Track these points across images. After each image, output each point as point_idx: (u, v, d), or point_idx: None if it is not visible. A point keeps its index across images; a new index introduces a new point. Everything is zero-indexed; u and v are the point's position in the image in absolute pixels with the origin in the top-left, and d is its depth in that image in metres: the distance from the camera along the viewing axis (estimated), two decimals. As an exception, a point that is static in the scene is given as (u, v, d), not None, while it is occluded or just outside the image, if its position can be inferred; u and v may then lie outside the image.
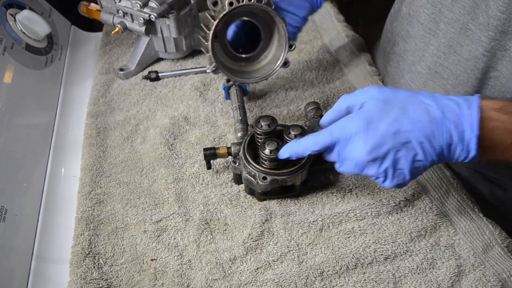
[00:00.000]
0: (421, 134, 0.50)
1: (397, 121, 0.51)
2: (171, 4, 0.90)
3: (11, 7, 0.90)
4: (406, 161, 0.52)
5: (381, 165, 0.52)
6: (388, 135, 0.51)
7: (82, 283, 0.62)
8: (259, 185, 0.65)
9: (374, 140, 0.51)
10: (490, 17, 0.60)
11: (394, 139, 0.51)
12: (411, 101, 0.52)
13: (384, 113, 0.51)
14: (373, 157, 0.52)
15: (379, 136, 0.51)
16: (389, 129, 0.51)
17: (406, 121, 0.50)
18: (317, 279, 0.62)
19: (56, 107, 0.92)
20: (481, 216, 0.68)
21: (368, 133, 0.51)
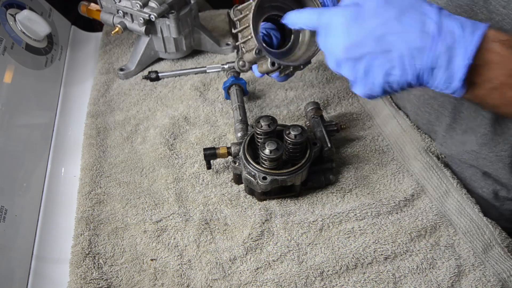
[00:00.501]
0: (405, 46, 0.45)
1: (386, 24, 0.46)
2: (171, 4, 0.90)
3: (11, 7, 0.90)
4: (380, 72, 0.48)
5: (354, 67, 0.49)
6: (371, 37, 0.47)
7: (82, 283, 0.62)
8: (259, 185, 0.65)
9: (355, 38, 0.47)
10: (492, 12, 0.60)
11: (375, 43, 0.47)
12: (413, 7, 0.47)
13: (377, 11, 0.47)
14: (349, 55, 0.48)
15: (361, 36, 0.47)
16: (374, 31, 0.47)
17: (395, 27, 0.46)
18: (317, 279, 0.62)
19: (56, 107, 0.92)
20: (481, 216, 0.68)
21: (352, 29, 0.47)
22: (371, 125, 0.84)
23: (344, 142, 0.81)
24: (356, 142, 0.81)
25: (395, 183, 0.73)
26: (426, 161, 0.76)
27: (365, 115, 0.86)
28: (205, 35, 0.99)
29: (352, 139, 0.81)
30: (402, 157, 0.78)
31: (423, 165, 0.75)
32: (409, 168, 0.76)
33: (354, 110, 0.87)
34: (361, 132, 0.83)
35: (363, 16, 0.47)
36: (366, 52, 0.47)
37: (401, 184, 0.73)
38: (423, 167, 0.75)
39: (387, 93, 0.51)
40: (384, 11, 0.47)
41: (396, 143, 0.80)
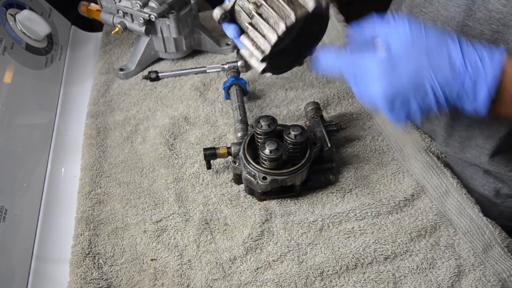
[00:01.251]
0: (440, 85, 0.51)
1: (421, 73, 0.51)
2: (171, 4, 0.90)
3: (11, 7, 0.90)
4: (418, 107, 0.53)
5: (393, 108, 0.53)
6: (409, 86, 0.51)
7: (82, 283, 0.62)
8: (259, 185, 0.65)
9: (393, 89, 0.52)
10: (491, 11, 0.60)
11: (413, 89, 0.51)
12: (438, 47, 0.51)
13: (409, 57, 0.51)
14: (388, 101, 0.53)
15: (399, 86, 0.52)
16: (410, 81, 0.51)
17: (428, 72, 0.51)
18: (317, 279, 0.62)
19: (56, 107, 0.92)
20: (481, 216, 0.68)
21: (389, 79, 0.52)
22: (371, 125, 0.84)
23: (344, 142, 0.81)
24: (356, 142, 0.81)
25: (395, 183, 0.73)
26: (426, 161, 0.76)
27: (365, 115, 0.86)
28: (205, 35, 0.99)
29: (352, 139, 0.81)
30: (402, 157, 0.78)
31: (423, 165, 0.76)
32: (409, 168, 0.76)
33: (354, 110, 0.87)
34: (361, 132, 0.83)
35: (397, 65, 0.51)
36: (406, 97, 0.52)
37: (401, 184, 0.73)
38: (423, 167, 0.75)
39: (416, 119, 0.55)
40: (414, 58, 0.51)
41: (396, 143, 0.80)
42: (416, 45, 0.52)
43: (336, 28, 1.07)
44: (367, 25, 0.57)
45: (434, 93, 0.51)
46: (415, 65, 0.51)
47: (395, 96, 0.52)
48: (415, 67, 0.51)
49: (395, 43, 0.52)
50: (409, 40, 0.52)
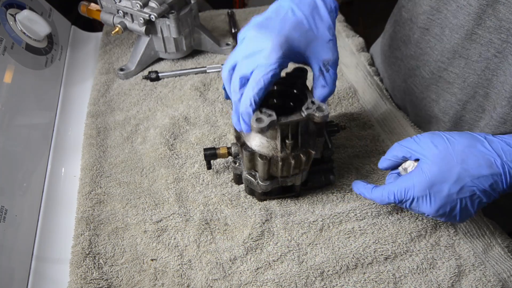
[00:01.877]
0: (484, 185, 0.54)
1: (459, 181, 0.54)
2: (171, 4, 0.90)
3: (11, 7, 0.90)
4: (472, 207, 0.56)
5: (449, 216, 0.58)
6: (453, 195, 0.55)
7: (82, 283, 0.62)
8: (259, 185, 0.65)
9: (440, 202, 0.55)
10: (502, 20, 0.60)
11: (459, 195, 0.55)
12: (469, 153, 0.54)
13: (444, 173, 0.54)
14: (440, 214, 0.57)
15: (444, 198, 0.55)
16: (452, 190, 0.54)
17: (468, 178, 0.54)
18: (317, 279, 0.62)
19: (56, 107, 0.91)
20: (481, 216, 0.68)
21: (433, 197, 0.55)
22: (371, 125, 0.84)
23: (344, 142, 0.81)
24: (356, 142, 0.81)
25: (395, 183, 0.73)
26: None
27: (365, 115, 0.86)
28: (205, 35, 0.99)
29: (352, 139, 0.81)
30: (402, 157, 0.78)
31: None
32: (409, 168, 0.76)
33: (354, 110, 0.87)
34: (361, 132, 0.83)
35: (435, 183, 0.55)
36: (455, 204, 0.56)
37: (401, 184, 0.73)
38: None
39: None
40: (449, 170, 0.55)
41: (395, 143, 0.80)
42: (446, 158, 0.55)
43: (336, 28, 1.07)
44: (393, 149, 0.62)
45: (484, 193, 0.54)
46: (453, 180, 0.54)
47: (446, 209, 0.56)
48: (454, 181, 0.54)
49: (426, 164, 0.56)
50: (437, 153, 0.55)
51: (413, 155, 0.59)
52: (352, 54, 0.99)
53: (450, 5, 0.68)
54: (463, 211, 0.57)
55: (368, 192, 0.63)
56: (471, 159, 0.54)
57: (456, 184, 0.54)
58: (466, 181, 0.54)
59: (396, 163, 0.62)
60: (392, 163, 0.62)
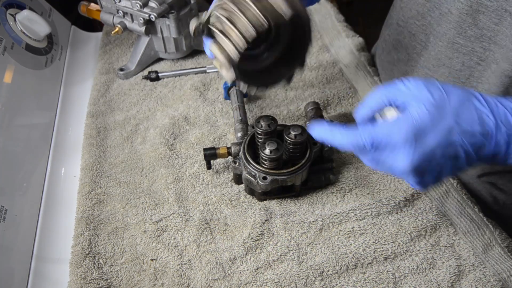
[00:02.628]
0: (471, 146, 0.47)
1: (449, 135, 0.46)
2: (171, 4, 0.90)
3: (11, 7, 0.90)
4: (449, 171, 0.49)
5: (423, 177, 0.48)
6: (438, 150, 0.46)
7: (82, 283, 0.62)
8: (259, 185, 0.65)
9: (422, 156, 0.46)
10: (482, 29, 0.60)
11: (443, 153, 0.47)
12: (465, 107, 0.47)
13: (435, 123, 0.46)
14: (417, 171, 0.47)
15: (428, 152, 0.46)
16: (440, 144, 0.46)
17: (458, 135, 0.46)
18: (317, 279, 0.62)
19: (56, 107, 0.92)
20: (481, 216, 0.68)
21: (417, 148, 0.46)
22: (371, 125, 0.84)
23: (344, 142, 0.81)
24: (356, 142, 0.81)
25: (395, 183, 0.73)
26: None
27: (365, 115, 0.86)
28: (205, 35, 0.99)
29: (352, 139, 0.81)
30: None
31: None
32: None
33: (354, 110, 0.87)
34: (361, 132, 0.83)
35: (424, 131, 0.46)
36: (437, 163, 0.47)
37: (401, 184, 0.73)
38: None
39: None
40: (440, 120, 0.46)
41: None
42: (440, 107, 0.46)
43: (336, 28, 1.07)
44: (378, 92, 0.51)
45: (467, 156, 0.47)
46: (443, 132, 0.46)
47: (424, 166, 0.47)
48: (444, 133, 0.46)
49: (417, 109, 0.46)
50: (432, 101, 0.46)
51: (400, 101, 0.48)
52: (352, 54, 0.99)
53: (433, 11, 0.67)
54: (439, 175, 0.49)
55: (336, 134, 0.50)
56: (466, 113, 0.46)
57: (445, 138, 0.46)
58: (456, 137, 0.46)
59: (378, 109, 0.52)
60: (372, 112, 0.52)
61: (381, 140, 0.47)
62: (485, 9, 0.59)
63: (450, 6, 0.64)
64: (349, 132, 0.49)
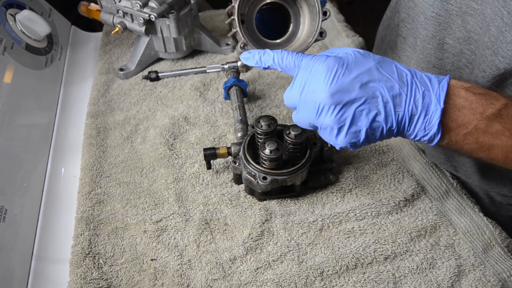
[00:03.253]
0: (388, 93, 0.48)
1: (369, 73, 0.48)
2: (171, 4, 0.90)
3: (11, 7, 0.90)
4: (366, 118, 0.49)
5: (341, 114, 0.49)
6: (356, 84, 0.48)
7: (82, 283, 0.62)
8: (259, 185, 0.65)
9: (341, 84, 0.48)
10: (470, 32, 0.60)
11: (362, 90, 0.48)
12: (386, 62, 0.50)
13: (359, 62, 0.49)
14: (334, 101, 0.48)
15: (348, 82, 0.48)
16: (359, 78, 0.48)
17: (377, 75, 0.48)
18: (317, 279, 0.62)
19: (56, 107, 0.92)
20: (481, 216, 0.68)
21: (337, 75, 0.48)
22: (371, 125, 0.84)
23: (344, 142, 0.81)
24: (356, 142, 0.81)
25: (395, 183, 0.73)
26: (426, 161, 0.76)
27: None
28: (205, 35, 0.99)
29: (352, 139, 0.81)
30: (402, 157, 0.78)
31: (422, 165, 0.76)
32: (409, 168, 0.76)
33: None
34: (361, 132, 0.83)
35: (347, 65, 0.49)
36: (355, 97, 0.48)
37: (401, 184, 0.73)
38: (423, 167, 0.75)
39: (369, 142, 0.52)
40: (365, 62, 0.49)
41: (395, 143, 0.80)
42: (366, 55, 0.50)
43: (336, 28, 1.07)
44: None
45: (384, 104, 0.48)
46: (364, 70, 0.49)
47: (341, 98, 0.48)
48: (365, 71, 0.49)
49: (347, 53, 0.51)
50: (357, 53, 0.50)
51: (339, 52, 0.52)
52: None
53: (419, 16, 0.68)
54: (356, 118, 0.49)
55: (268, 52, 0.55)
56: (386, 66, 0.50)
57: (364, 75, 0.48)
58: (374, 76, 0.48)
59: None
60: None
61: (309, 62, 0.50)
62: (473, 12, 0.59)
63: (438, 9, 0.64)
64: (283, 51, 0.53)
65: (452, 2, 0.63)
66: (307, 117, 0.52)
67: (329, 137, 0.52)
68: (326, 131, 0.51)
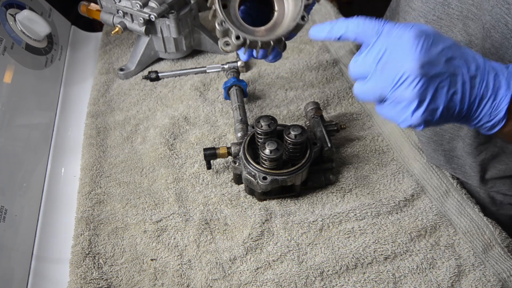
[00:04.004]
0: (468, 73, 0.46)
1: (452, 49, 0.46)
2: (171, 4, 0.90)
3: (11, 7, 0.90)
4: (446, 96, 0.46)
5: (424, 87, 0.45)
6: (443, 58, 0.45)
7: (82, 283, 0.62)
8: (259, 185, 0.65)
9: (431, 55, 0.45)
10: (471, 36, 0.61)
11: (446, 65, 0.46)
12: (458, 45, 0.48)
13: (441, 37, 0.46)
14: (422, 72, 0.45)
15: (436, 53, 0.45)
16: (444, 52, 0.46)
17: (458, 52, 0.46)
18: (317, 279, 0.62)
19: (56, 107, 0.92)
20: (481, 216, 0.68)
21: (426, 45, 0.45)
22: (371, 125, 0.84)
23: (344, 142, 0.81)
24: (356, 142, 0.81)
25: (395, 183, 0.73)
26: (426, 161, 0.76)
27: (365, 115, 0.86)
28: (205, 35, 0.99)
29: (352, 139, 0.81)
30: (402, 157, 0.78)
31: (422, 165, 0.76)
32: (409, 168, 0.76)
33: (354, 110, 0.87)
34: (361, 132, 0.83)
35: (433, 37, 0.46)
36: (438, 72, 0.45)
37: (401, 184, 0.73)
38: (423, 167, 0.75)
39: (438, 123, 0.49)
40: (445, 38, 0.47)
41: (395, 143, 0.80)
42: (440, 33, 0.47)
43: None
44: None
45: (463, 83, 0.46)
46: (448, 45, 0.46)
47: (428, 70, 0.45)
48: (449, 47, 0.46)
49: (424, 27, 0.47)
50: (435, 30, 0.47)
51: None
52: (352, 54, 0.99)
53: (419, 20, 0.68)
54: (437, 93, 0.46)
55: (341, 21, 0.50)
56: (461, 46, 0.48)
57: (449, 50, 0.46)
58: (457, 53, 0.46)
59: None
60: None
61: (393, 28, 0.46)
62: (474, 16, 0.59)
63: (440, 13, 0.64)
64: (358, 17, 0.49)
65: (453, 6, 0.62)
66: (380, 87, 0.47)
67: (401, 113, 0.48)
68: (399, 106, 0.47)
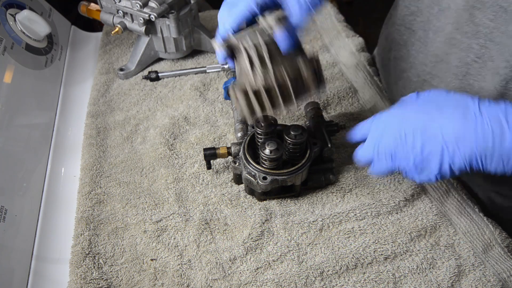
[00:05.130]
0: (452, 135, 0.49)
1: (422, 124, 0.52)
2: (171, 4, 0.90)
3: (11, 7, 0.90)
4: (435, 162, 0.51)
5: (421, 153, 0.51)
6: (418, 130, 0.51)
7: (82, 283, 0.62)
8: (259, 185, 0.65)
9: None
10: (479, 25, 0.60)
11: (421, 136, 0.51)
12: (456, 101, 0.51)
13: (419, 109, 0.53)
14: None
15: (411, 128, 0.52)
16: (417, 125, 0.52)
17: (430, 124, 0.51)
18: (317, 279, 0.62)
19: (56, 107, 0.92)
20: (481, 216, 0.68)
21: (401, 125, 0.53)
22: (371, 125, 0.84)
23: (344, 142, 0.81)
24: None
25: (395, 183, 0.73)
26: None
27: (365, 115, 0.86)
28: (205, 35, 0.99)
29: (352, 139, 0.81)
30: (402, 157, 0.78)
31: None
32: (409, 168, 0.76)
33: (354, 110, 0.87)
34: (361, 132, 0.83)
35: (407, 116, 0.53)
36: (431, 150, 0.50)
37: (401, 184, 0.73)
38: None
39: (444, 178, 0.53)
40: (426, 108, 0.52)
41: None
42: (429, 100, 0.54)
43: (336, 28, 1.07)
44: None
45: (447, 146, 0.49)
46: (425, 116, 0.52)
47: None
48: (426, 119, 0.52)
49: None
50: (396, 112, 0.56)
51: None
52: (352, 54, 0.99)
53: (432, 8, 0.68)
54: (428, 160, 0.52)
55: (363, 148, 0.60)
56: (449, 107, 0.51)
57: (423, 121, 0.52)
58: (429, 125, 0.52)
59: None
60: None
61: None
62: (481, 5, 0.59)
63: (450, 1, 0.64)
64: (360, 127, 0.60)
65: None
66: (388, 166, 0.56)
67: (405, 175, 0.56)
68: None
